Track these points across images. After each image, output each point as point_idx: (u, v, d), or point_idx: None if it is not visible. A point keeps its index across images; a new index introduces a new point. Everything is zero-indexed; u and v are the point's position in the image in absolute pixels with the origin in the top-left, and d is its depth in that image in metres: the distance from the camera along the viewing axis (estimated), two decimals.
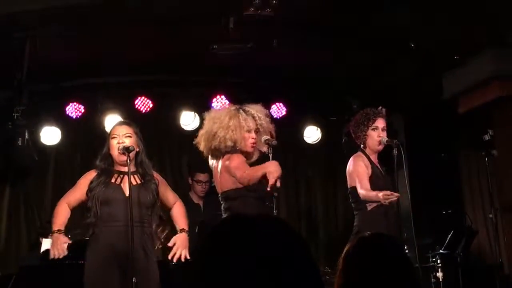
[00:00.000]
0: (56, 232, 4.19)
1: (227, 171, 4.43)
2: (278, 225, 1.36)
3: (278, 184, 4.19)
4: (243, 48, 5.99)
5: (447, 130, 7.11)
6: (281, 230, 1.35)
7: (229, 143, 4.42)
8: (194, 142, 4.66)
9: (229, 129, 4.43)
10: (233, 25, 5.54)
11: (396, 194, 4.42)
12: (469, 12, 5.34)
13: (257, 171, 4.28)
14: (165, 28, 5.87)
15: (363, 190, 4.64)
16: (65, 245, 4.17)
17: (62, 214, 4.30)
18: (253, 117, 4.54)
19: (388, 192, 4.42)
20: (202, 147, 4.60)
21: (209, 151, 4.56)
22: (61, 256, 4.19)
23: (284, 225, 1.37)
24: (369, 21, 5.65)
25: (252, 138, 4.49)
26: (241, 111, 4.54)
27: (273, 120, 6.67)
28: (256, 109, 4.62)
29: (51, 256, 4.18)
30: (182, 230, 4.44)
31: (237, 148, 4.46)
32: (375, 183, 4.70)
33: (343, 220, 7.45)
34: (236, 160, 4.40)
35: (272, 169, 4.18)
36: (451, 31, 5.71)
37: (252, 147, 4.51)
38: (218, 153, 4.53)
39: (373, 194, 4.56)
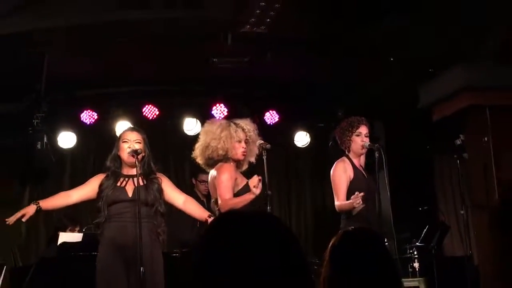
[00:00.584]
0: (33, 203, 4.22)
1: (215, 181, 4.48)
2: (271, 221, 1.36)
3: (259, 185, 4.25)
4: (240, 62, 6.01)
5: (423, 135, 7.13)
6: (274, 225, 1.35)
7: (221, 152, 4.48)
8: (192, 156, 4.68)
9: (221, 140, 4.48)
10: (231, 41, 5.57)
11: (361, 194, 4.44)
12: (442, 30, 5.40)
13: (237, 204, 4.25)
14: (171, 45, 5.91)
15: (338, 202, 4.69)
16: (23, 216, 4.10)
17: (56, 198, 4.37)
18: (243, 130, 4.60)
19: (354, 196, 4.44)
20: (198, 159, 4.64)
21: (205, 161, 4.61)
22: (10, 223, 4.11)
23: (276, 220, 1.37)
24: (355, 40, 5.69)
25: (243, 147, 4.54)
26: (232, 124, 4.60)
27: (267, 126, 6.73)
28: (245, 123, 4.68)
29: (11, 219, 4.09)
30: (210, 216, 4.27)
31: (229, 157, 4.50)
32: (355, 185, 4.72)
33: (331, 214, 7.42)
34: (224, 176, 4.40)
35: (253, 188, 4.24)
36: (426, 47, 5.75)
37: (243, 155, 4.56)
38: (212, 162, 4.58)
39: (345, 204, 4.60)
